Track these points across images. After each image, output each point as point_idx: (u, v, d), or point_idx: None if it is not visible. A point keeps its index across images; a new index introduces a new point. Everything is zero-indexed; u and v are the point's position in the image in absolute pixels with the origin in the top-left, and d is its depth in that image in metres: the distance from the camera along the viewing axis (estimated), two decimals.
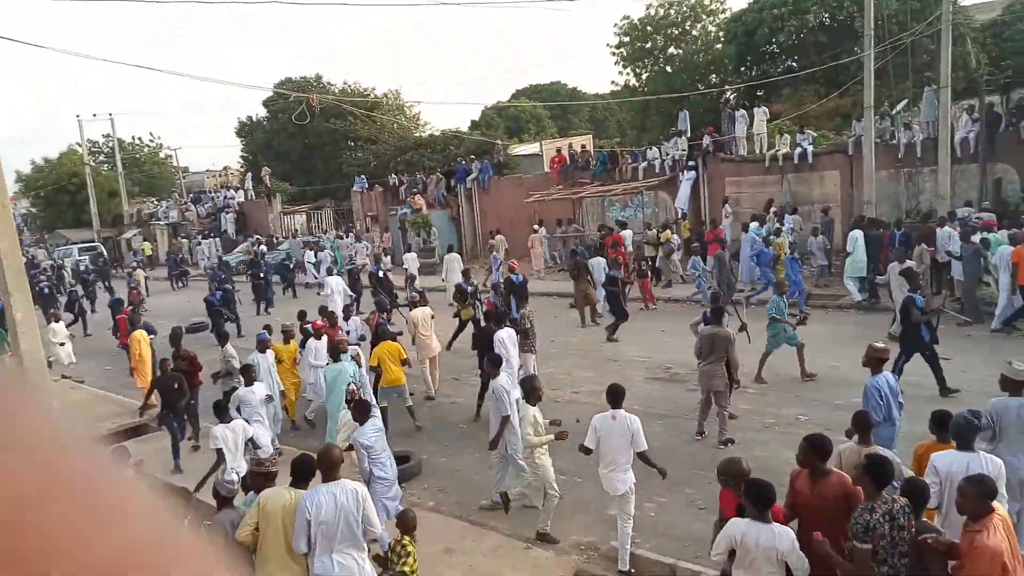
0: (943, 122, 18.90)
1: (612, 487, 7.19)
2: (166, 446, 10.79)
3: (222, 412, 8.56)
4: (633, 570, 7.10)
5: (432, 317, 13.34)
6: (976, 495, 4.54)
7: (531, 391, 7.85)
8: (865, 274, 16.80)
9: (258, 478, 5.89)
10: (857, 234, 17.00)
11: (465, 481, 9.66)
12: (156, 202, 49.63)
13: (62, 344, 16.90)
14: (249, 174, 45.42)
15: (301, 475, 5.75)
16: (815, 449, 5.34)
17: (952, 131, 19.11)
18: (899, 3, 24.95)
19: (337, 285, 19.13)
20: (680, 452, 8.94)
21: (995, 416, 6.43)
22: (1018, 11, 27.55)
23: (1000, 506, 4.78)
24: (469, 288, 15.39)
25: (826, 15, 29.45)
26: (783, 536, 4.80)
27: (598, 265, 17.86)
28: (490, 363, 9.01)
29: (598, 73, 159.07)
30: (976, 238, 14.86)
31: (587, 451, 7.28)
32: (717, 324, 10.03)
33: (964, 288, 14.98)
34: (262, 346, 11.13)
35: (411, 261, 24.83)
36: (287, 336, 12.44)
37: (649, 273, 19.84)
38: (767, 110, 24.96)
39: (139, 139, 62.12)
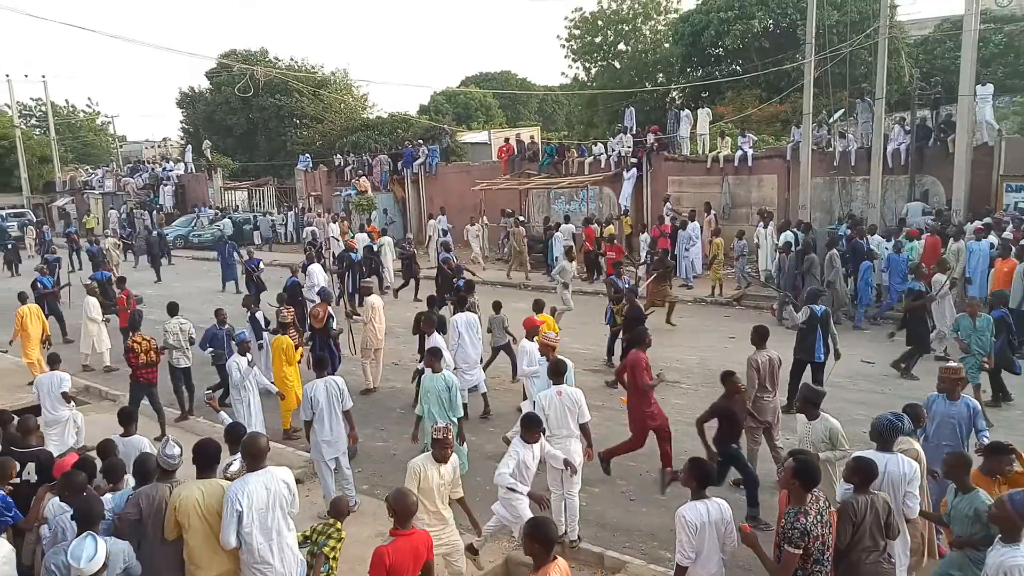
0: (876, 133, 19.67)
1: (560, 460, 7.22)
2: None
3: None
4: (581, 538, 7.44)
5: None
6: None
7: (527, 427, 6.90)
8: None
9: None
10: (787, 235, 17.67)
11: (400, 465, 9.67)
12: (90, 170, 48.00)
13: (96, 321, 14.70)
14: (189, 147, 44.35)
15: (205, 462, 5.54)
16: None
17: (885, 142, 19.90)
18: (839, 15, 25.77)
19: (321, 275, 16.88)
20: (612, 442, 9.19)
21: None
22: (948, 30, 28.72)
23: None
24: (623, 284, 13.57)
25: (770, 21, 30.19)
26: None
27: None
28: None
29: (548, 65, 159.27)
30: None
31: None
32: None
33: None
34: (242, 347, 9.92)
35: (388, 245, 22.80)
36: (285, 327, 11.26)
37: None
38: (711, 111, 25.53)
39: (73, 105, 59.99)
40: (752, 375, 8.55)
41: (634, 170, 24.06)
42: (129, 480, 5.99)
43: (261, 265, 19.22)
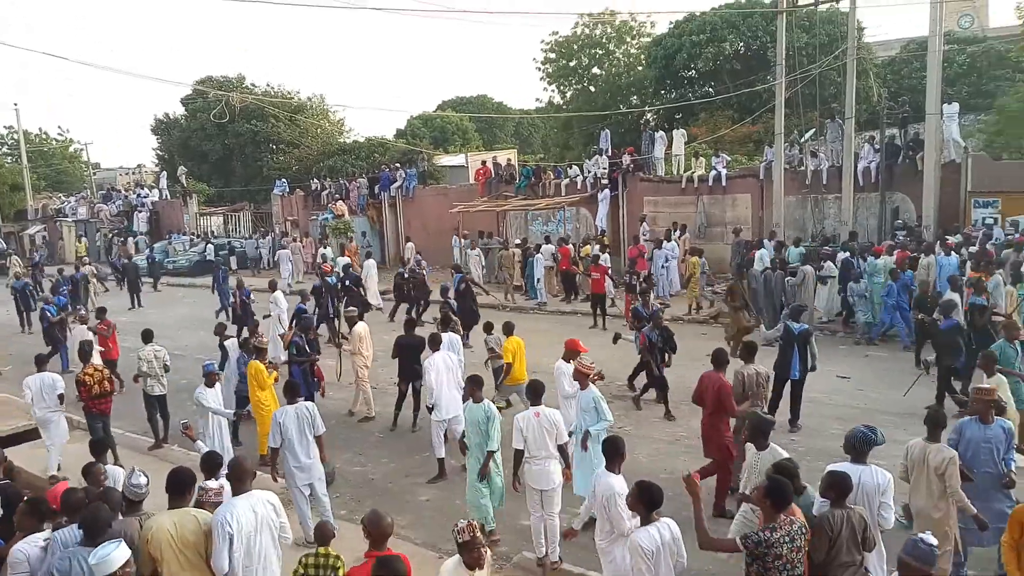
0: (847, 152, 20.01)
1: (543, 480, 7.32)
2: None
3: None
4: (562, 559, 7.40)
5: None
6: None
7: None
8: None
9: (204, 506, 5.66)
10: (762, 254, 17.85)
11: (379, 490, 9.69)
12: (63, 198, 47.47)
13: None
14: (164, 173, 44.03)
15: (179, 489, 5.43)
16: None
17: (855, 160, 20.24)
18: (808, 37, 26.28)
19: (283, 301, 16.34)
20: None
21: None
22: (914, 50, 29.36)
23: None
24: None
25: (741, 44, 30.71)
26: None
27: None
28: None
29: (524, 89, 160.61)
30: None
31: (520, 452, 7.38)
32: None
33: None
34: (210, 379, 9.73)
35: (372, 268, 22.79)
36: (259, 352, 10.99)
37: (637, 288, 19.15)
38: (685, 132, 25.85)
39: (45, 132, 59.50)
40: (738, 388, 8.66)
41: (607, 191, 24.26)
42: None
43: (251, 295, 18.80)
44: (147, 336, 11.98)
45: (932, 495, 6.25)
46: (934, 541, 4.37)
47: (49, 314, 16.64)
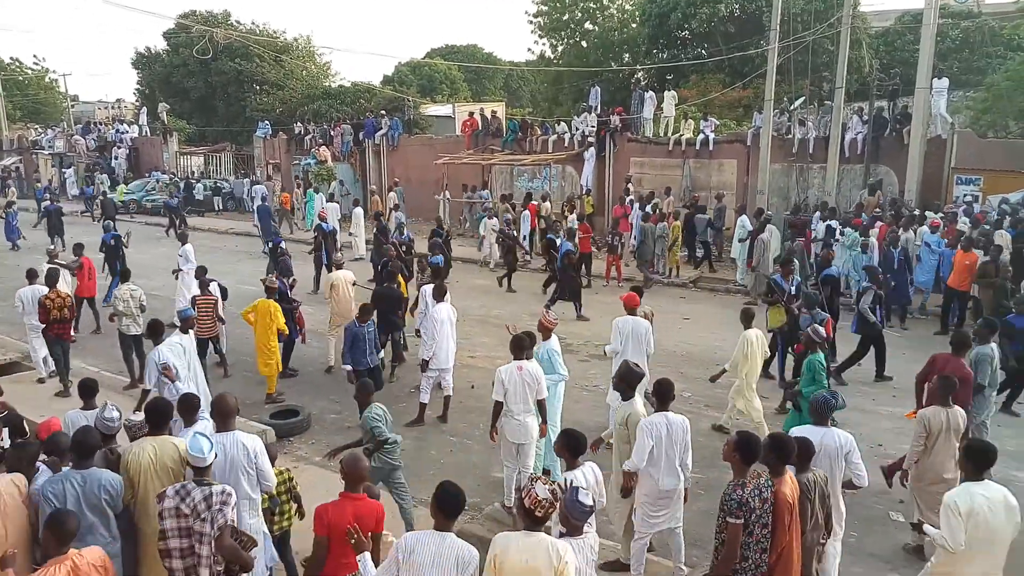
0: (835, 122, 19.99)
1: (520, 435, 7.41)
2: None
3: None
4: None
5: (354, 283, 12.35)
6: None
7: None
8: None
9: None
10: (743, 220, 17.95)
11: (353, 437, 9.73)
12: (40, 129, 46.40)
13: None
14: (144, 109, 43.09)
15: (155, 421, 5.44)
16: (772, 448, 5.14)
17: (843, 131, 20.24)
18: (804, 3, 26.02)
19: (192, 253, 14.88)
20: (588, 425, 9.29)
21: None
22: (908, 22, 29.21)
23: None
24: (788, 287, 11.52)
25: (736, 6, 30.38)
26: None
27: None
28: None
29: (515, 41, 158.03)
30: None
31: (499, 404, 7.45)
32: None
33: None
34: (185, 325, 9.10)
35: (359, 217, 22.33)
36: (270, 291, 11.05)
37: (619, 248, 18.97)
38: (676, 94, 25.65)
39: (19, 60, 57.88)
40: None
41: (592, 149, 24.12)
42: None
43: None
44: (124, 276, 11.88)
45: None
46: None
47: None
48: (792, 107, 23.07)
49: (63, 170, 38.82)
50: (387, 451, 6.94)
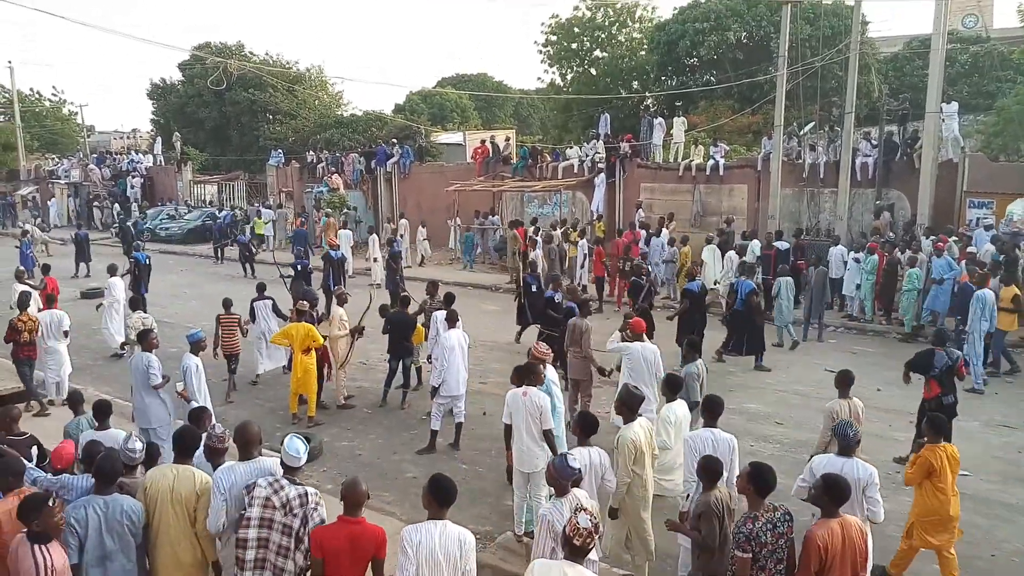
0: (845, 147, 19.99)
1: (527, 463, 7.29)
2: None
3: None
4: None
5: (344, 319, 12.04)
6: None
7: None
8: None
9: (212, 453, 5.66)
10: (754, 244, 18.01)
11: (366, 465, 9.71)
12: (56, 159, 47.03)
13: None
14: (159, 139, 43.67)
15: (182, 449, 5.44)
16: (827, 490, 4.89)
17: (853, 156, 20.23)
18: (812, 29, 26.16)
19: (120, 287, 14.59)
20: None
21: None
22: (916, 48, 29.28)
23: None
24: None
25: (744, 34, 30.54)
26: None
27: None
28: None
29: (525, 69, 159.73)
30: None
31: (508, 428, 7.43)
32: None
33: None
34: (195, 348, 9.27)
35: (374, 244, 22.61)
36: (300, 315, 11.18)
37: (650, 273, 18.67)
38: (686, 120, 25.75)
39: (38, 92, 58.86)
40: None
41: (602, 175, 24.20)
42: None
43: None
44: (134, 303, 11.99)
45: None
46: None
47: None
48: (802, 132, 23.11)
49: (47, 201, 39.58)
50: None
